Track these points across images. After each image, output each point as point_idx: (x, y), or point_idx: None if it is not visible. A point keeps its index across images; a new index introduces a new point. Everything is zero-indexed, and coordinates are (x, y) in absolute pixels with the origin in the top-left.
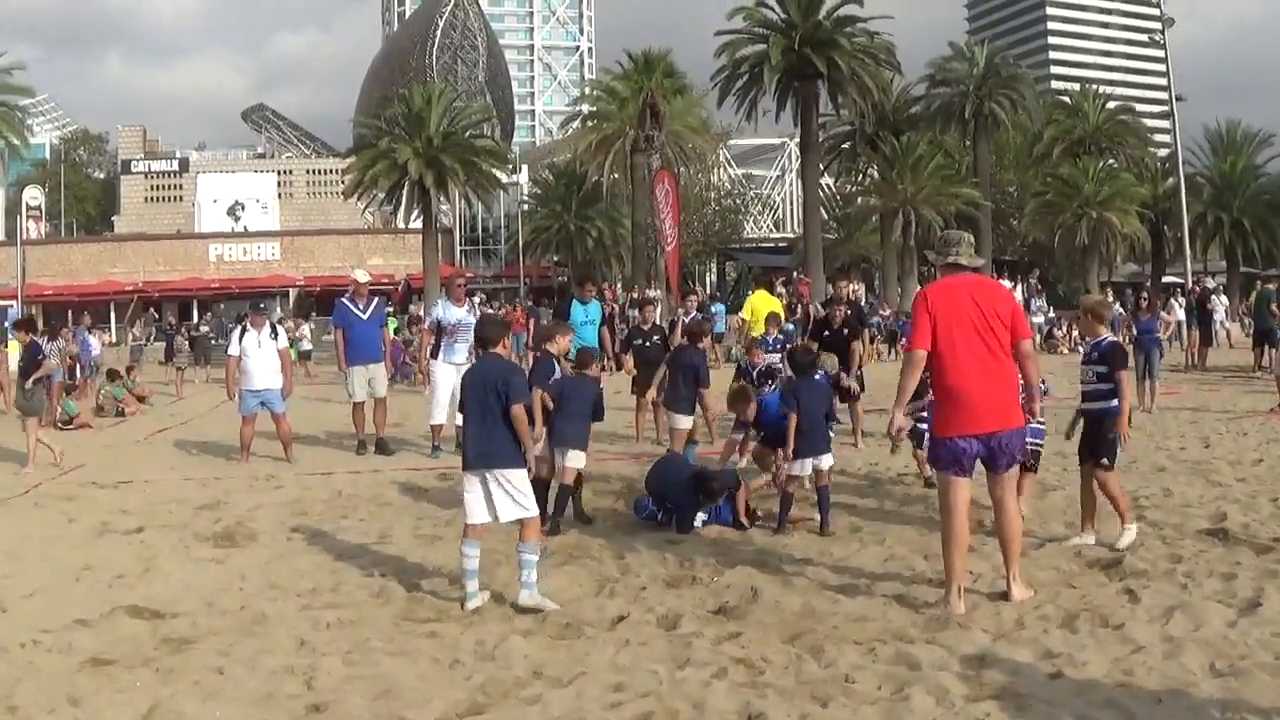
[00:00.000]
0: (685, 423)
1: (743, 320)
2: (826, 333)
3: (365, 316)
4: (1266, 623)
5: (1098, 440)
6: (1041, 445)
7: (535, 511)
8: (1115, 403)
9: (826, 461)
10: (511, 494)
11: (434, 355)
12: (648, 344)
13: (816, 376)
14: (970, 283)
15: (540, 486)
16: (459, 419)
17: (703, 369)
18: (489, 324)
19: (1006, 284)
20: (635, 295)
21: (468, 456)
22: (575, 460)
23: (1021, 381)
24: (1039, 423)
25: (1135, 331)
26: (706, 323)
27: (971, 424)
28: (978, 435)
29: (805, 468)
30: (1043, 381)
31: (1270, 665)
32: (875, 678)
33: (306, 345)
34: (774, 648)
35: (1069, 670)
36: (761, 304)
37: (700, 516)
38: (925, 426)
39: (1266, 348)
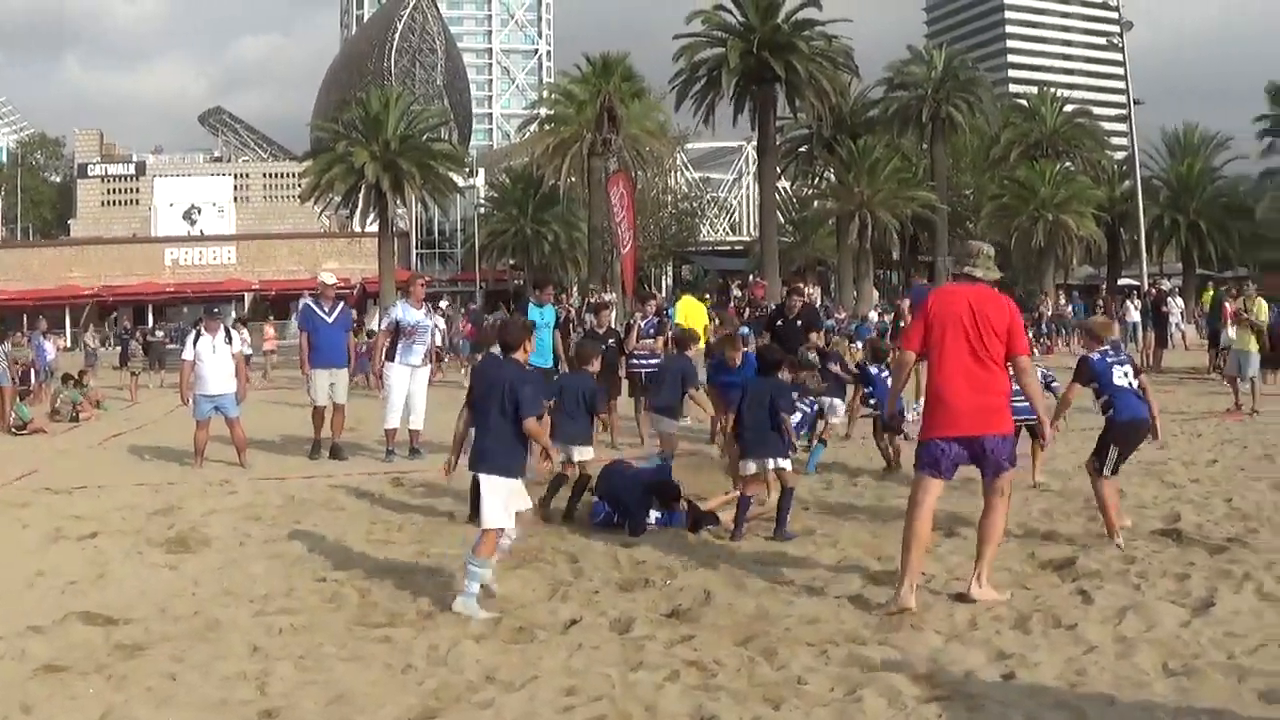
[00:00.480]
0: (673, 427)
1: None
2: (780, 322)
3: (330, 320)
4: (1220, 623)
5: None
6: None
7: (489, 525)
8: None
9: (781, 464)
10: (486, 498)
11: (389, 357)
12: (604, 347)
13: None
14: (972, 291)
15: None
16: (414, 422)
17: (691, 374)
18: (511, 328)
19: None
20: (591, 299)
21: (470, 457)
22: (584, 455)
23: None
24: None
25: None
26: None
27: (951, 427)
28: (957, 438)
29: (748, 467)
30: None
31: (1223, 665)
32: (828, 679)
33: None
34: (727, 650)
35: (1021, 671)
36: (690, 310)
37: (654, 514)
38: None
39: (1221, 350)
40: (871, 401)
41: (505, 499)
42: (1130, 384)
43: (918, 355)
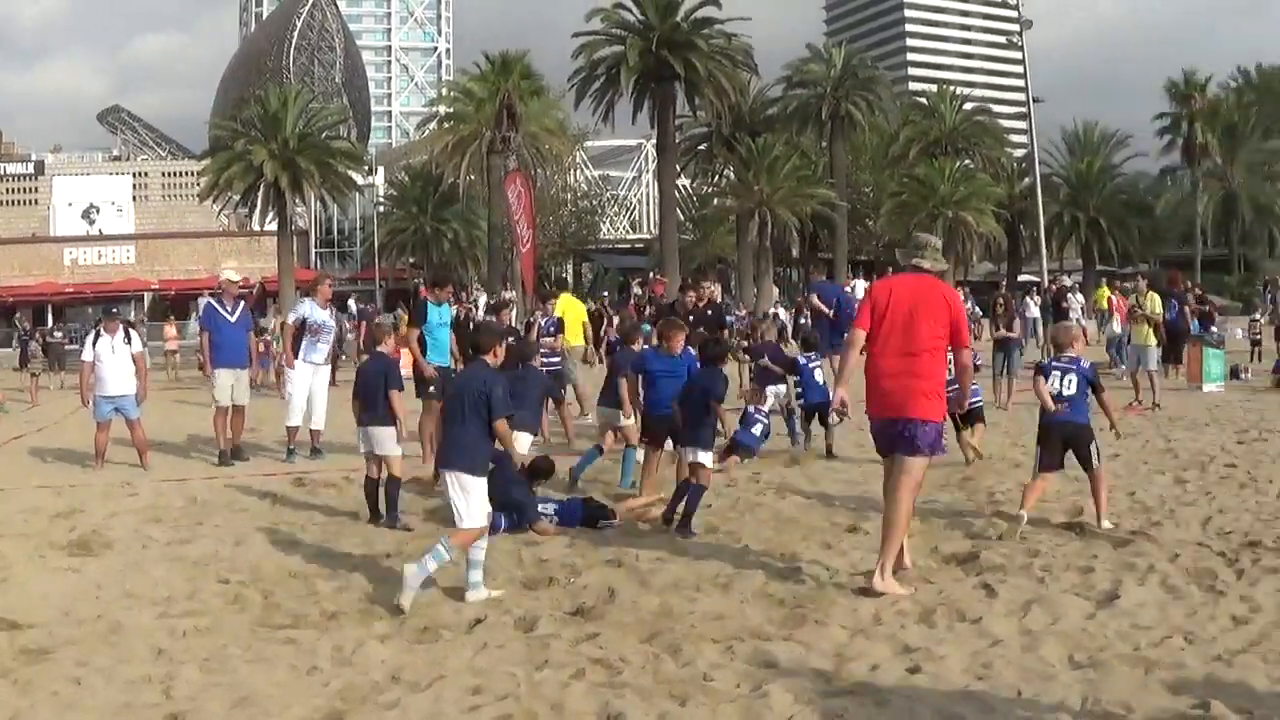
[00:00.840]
0: (629, 420)
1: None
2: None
3: (233, 319)
4: (1125, 614)
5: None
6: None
7: (471, 525)
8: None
9: (699, 457)
10: (457, 497)
11: (294, 354)
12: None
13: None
14: (917, 281)
15: None
16: (315, 421)
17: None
18: (483, 331)
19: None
20: (493, 299)
21: (437, 456)
22: (521, 443)
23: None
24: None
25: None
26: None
27: (878, 407)
28: (883, 418)
29: (688, 455)
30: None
31: (1129, 656)
32: (733, 676)
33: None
34: (631, 647)
35: (927, 665)
36: (569, 308)
37: (550, 507)
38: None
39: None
40: (798, 391)
41: (479, 496)
42: (1061, 390)
43: (865, 336)
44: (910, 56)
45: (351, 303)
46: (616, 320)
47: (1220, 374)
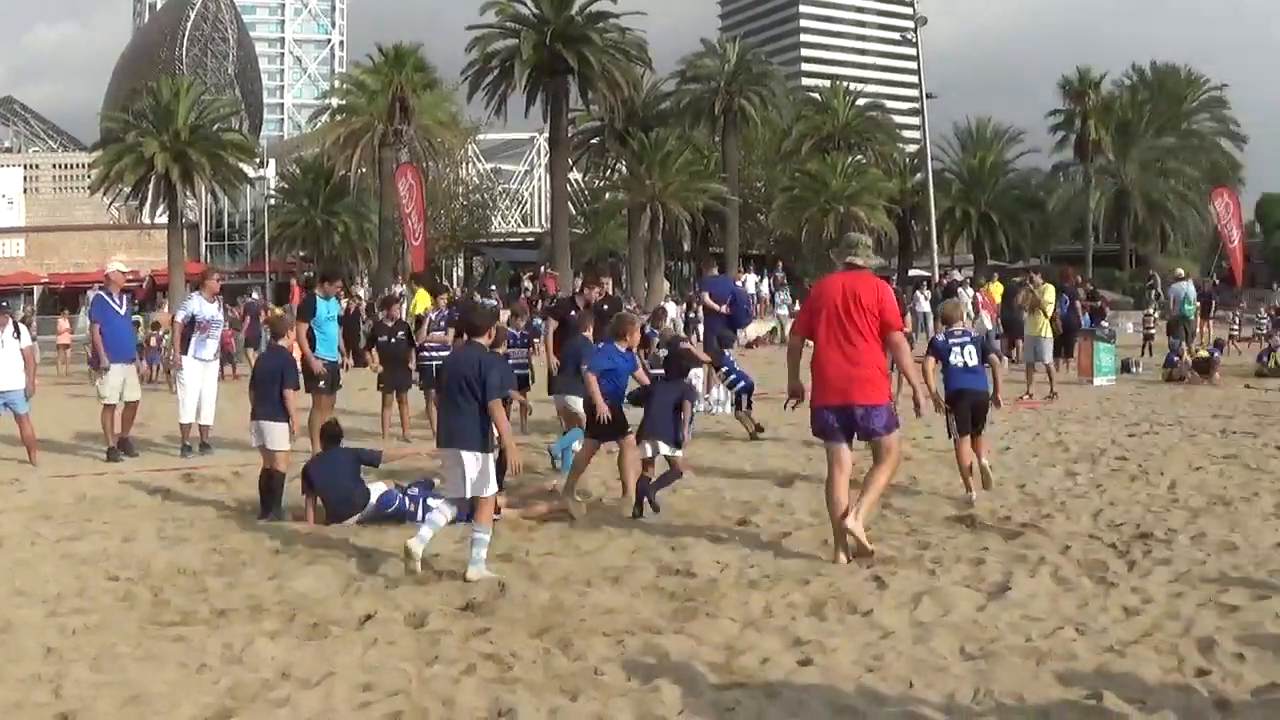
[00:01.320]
0: (578, 405)
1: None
2: (573, 313)
3: (122, 312)
4: (1016, 606)
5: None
6: None
7: (486, 493)
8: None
9: (674, 453)
10: (467, 475)
11: (183, 350)
12: (392, 340)
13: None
14: (849, 277)
15: None
16: (205, 417)
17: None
18: (477, 313)
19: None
20: (384, 294)
21: (438, 435)
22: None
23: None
24: None
25: None
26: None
27: (825, 396)
28: (831, 406)
29: (647, 450)
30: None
31: (1021, 647)
32: (624, 670)
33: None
34: (522, 642)
35: (818, 657)
36: (426, 303)
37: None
38: None
39: (1016, 338)
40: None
41: (488, 469)
42: (965, 362)
43: (802, 340)
44: (804, 52)
45: (256, 295)
46: (507, 314)
47: (1111, 367)
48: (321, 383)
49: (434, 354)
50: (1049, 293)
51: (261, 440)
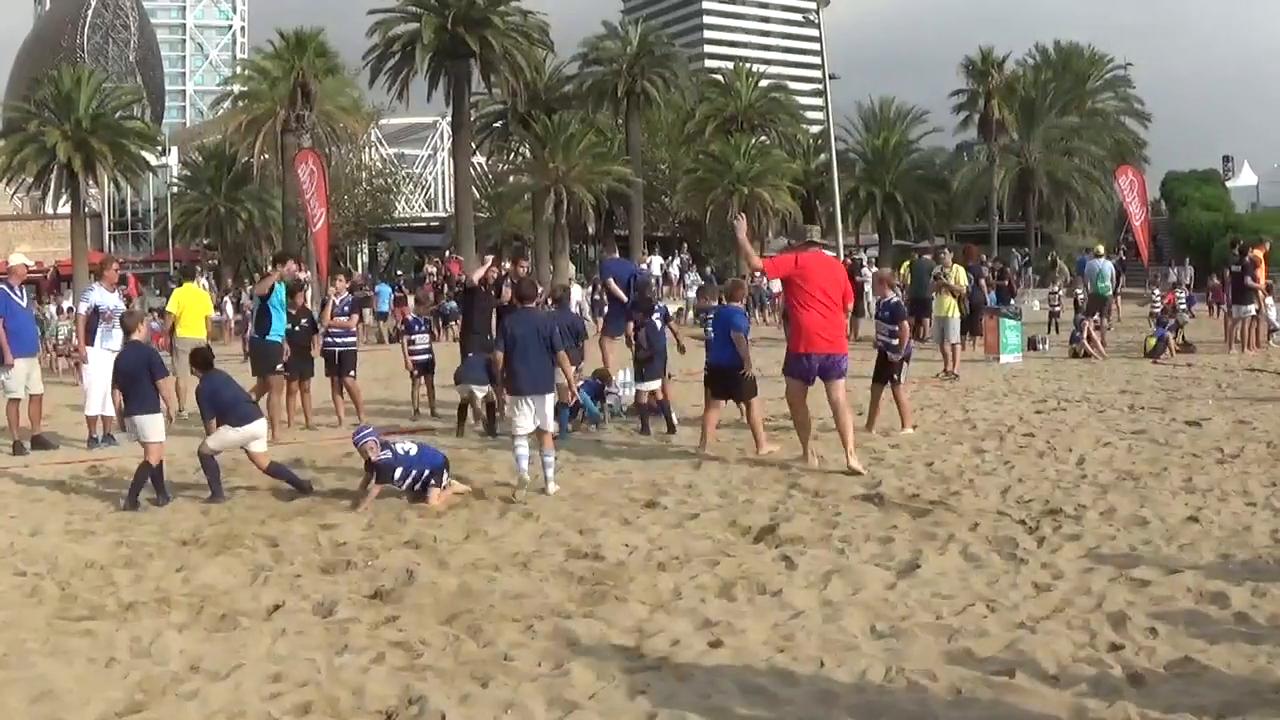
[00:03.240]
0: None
1: None
2: (475, 297)
3: (25, 305)
4: (926, 583)
5: (886, 366)
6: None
7: (554, 427)
8: (895, 341)
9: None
10: (546, 412)
11: (89, 342)
12: (296, 328)
13: None
14: (824, 257)
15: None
16: (109, 408)
17: (572, 328)
18: (525, 284)
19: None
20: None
21: (521, 385)
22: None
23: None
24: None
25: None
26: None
27: (811, 346)
28: (821, 354)
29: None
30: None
31: (931, 625)
32: (534, 654)
33: None
34: (432, 629)
35: (728, 638)
36: (186, 299)
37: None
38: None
39: (924, 318)
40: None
41: (551, 406)
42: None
43: (767, 276)
44: (707, 34)
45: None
46: (413, 301)
47: (1017, 345)
48: (279, 365)
49: (337, 340)
50: (960, 276)
51: (136, 435)
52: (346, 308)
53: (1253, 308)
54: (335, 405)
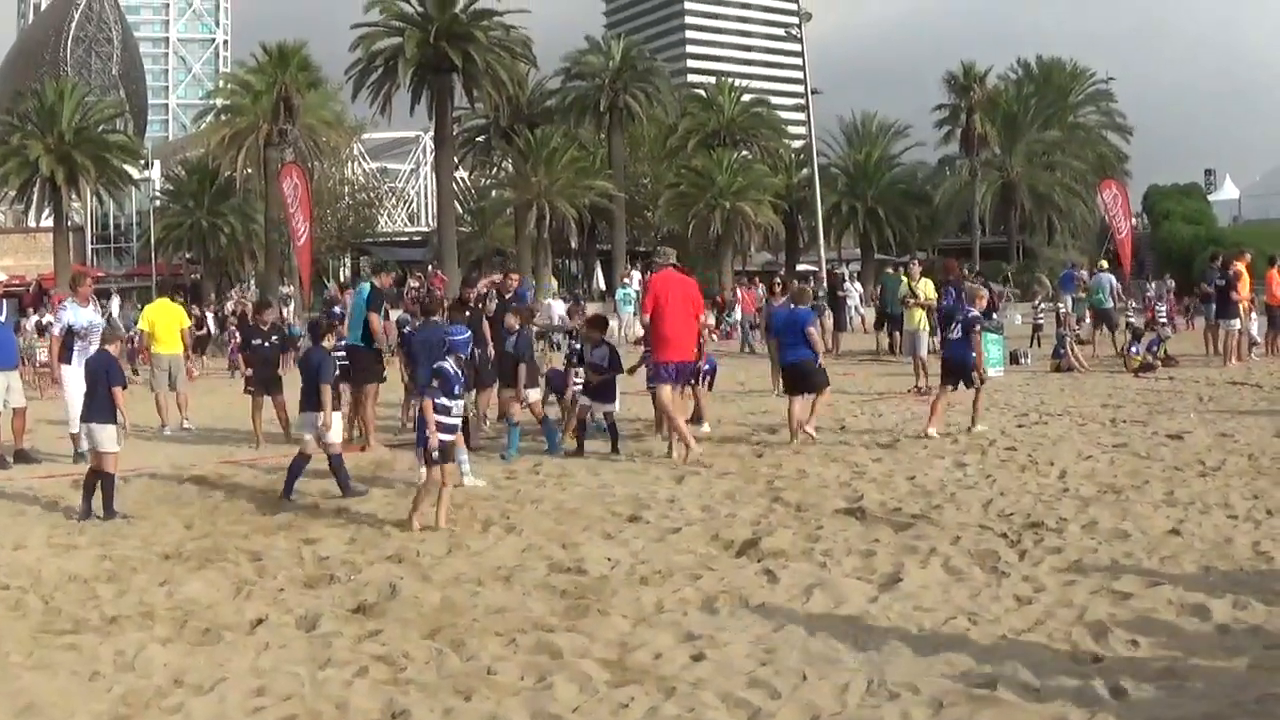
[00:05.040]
0: (536, 395)
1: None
2: (467, 312)
3: (4, 319)
4: (908, 597)
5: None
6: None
7: None
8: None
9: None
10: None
11: (64, 361)
12: (265, 344)
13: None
14: (675, 276)
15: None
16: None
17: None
18: (430, 300)
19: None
20: (254, 298)
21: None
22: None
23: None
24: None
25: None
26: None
27: (672, 355)
28: (675, 362)
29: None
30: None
31: (913, 638)
32: (517, 668)
33: None
34: (414, 643)
35: (711, 651)
36: (159, 314)
37: None
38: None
39: (896, 332)
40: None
41: None
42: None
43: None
44: (689, 49)
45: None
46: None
47: (999, 358)
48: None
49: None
50: (928, 289)
51: (91, 443)
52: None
53: (1236, 322)
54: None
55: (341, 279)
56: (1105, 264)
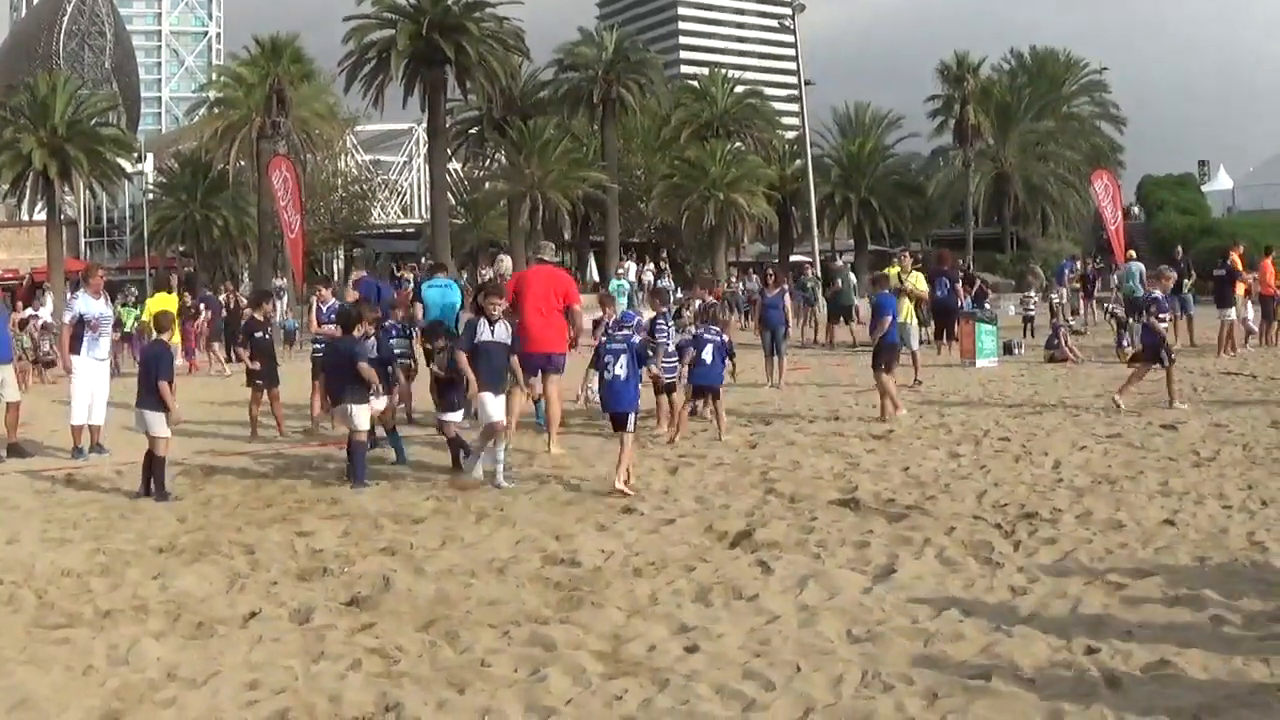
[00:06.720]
0: (380, 404)
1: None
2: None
3: None
4: (902, 588)
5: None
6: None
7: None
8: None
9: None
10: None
11: (74, 351)
12: (266, 335)
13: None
14: (544, 270)
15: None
16: (96, 417)
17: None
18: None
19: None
20: (253, 293)
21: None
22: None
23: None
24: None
25: (763, 307)
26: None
27: (531, 346)
28: (535, 352)
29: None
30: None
31: (907, 629)
32: (511, 660)
33: None
34: (408, 636)
35: (705, 643)
36: (159, 307)
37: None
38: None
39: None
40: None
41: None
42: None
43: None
44: (682, 40)
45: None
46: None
47: (993, 349)
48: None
49: (321, 347)
50: (919, 281)
51: (142, 426)
52: (331, 315)
53: (1232, 311)
54: (313, 408)
55: (336, 271)
56: (1133, 253)
